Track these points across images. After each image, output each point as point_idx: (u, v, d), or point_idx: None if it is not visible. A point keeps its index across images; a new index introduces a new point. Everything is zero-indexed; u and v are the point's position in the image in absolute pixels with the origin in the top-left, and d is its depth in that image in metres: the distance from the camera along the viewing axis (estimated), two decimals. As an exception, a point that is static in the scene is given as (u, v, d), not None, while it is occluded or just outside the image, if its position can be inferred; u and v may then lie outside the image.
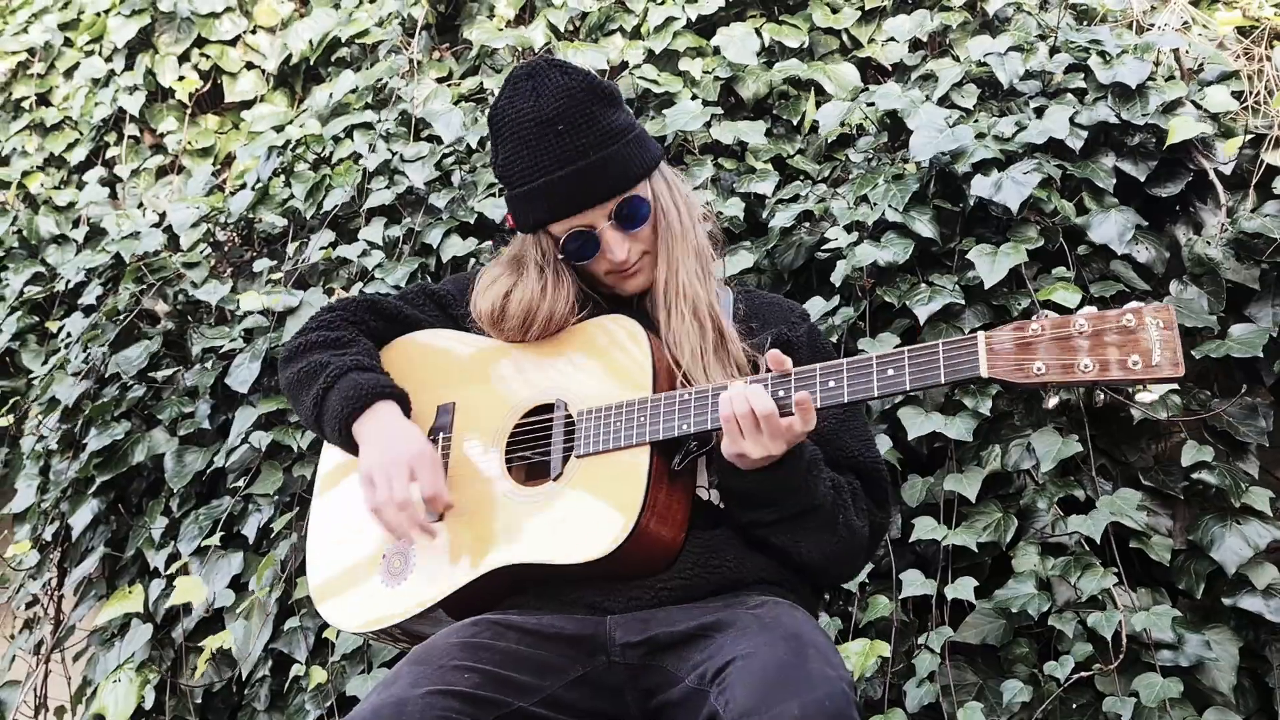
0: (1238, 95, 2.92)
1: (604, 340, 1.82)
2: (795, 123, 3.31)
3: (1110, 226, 2.71)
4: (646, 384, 1.75)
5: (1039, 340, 1.51)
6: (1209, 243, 2.74)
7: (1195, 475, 2.54)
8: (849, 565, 1.82)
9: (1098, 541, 2.46)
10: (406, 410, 1.84)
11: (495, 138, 1.84)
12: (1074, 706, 2.39)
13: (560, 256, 1.85)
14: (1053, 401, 1.58)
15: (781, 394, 1.63)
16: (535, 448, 1.81)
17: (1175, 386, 2.54)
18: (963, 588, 2.46)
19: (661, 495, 1.70)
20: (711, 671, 1.54)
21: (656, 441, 1.70)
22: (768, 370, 1.68)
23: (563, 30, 3.67)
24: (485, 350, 1.92)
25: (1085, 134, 2.83)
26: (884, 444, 2.62)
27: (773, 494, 1.68)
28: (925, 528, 2.54)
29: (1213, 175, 2.80)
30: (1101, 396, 1.62)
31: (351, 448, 1.82)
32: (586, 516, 1.70)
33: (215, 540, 3.06)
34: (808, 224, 2.98)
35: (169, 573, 3.13)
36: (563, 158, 1.76)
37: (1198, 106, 2.86)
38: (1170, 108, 2.83)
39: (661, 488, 1.70)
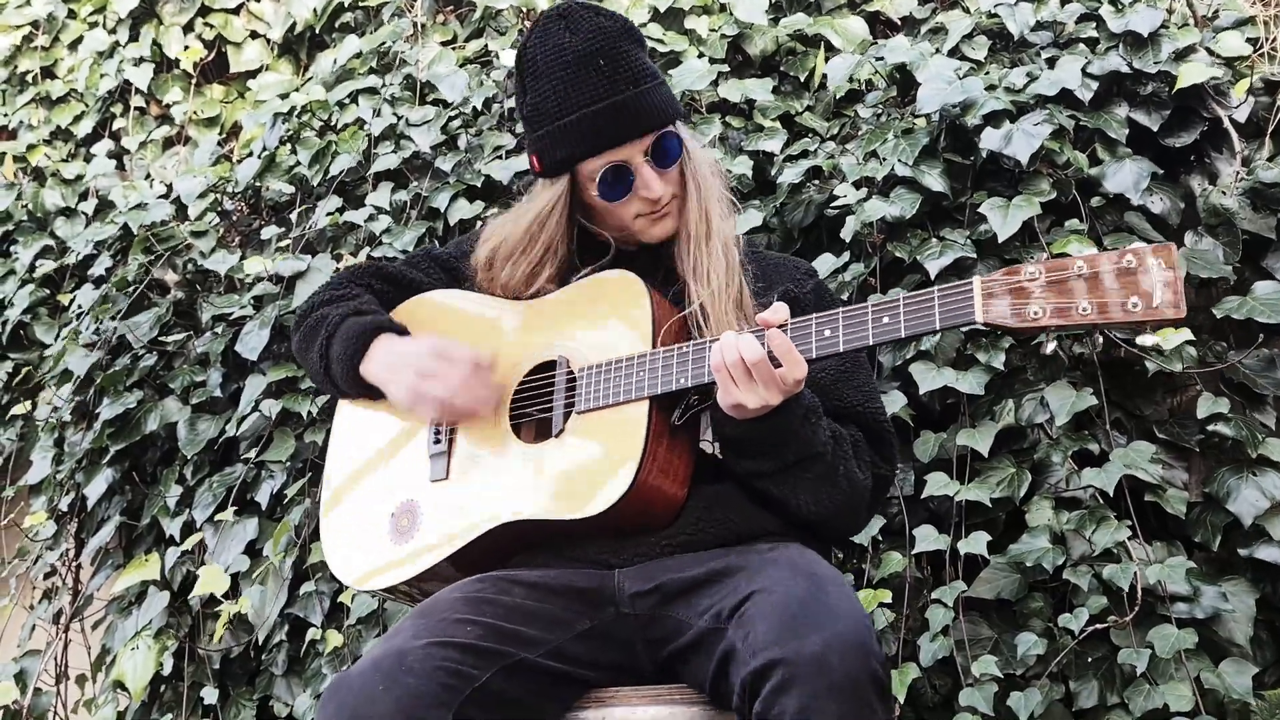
0: (1253, 42, 2.87)
1: (606, 296, 1.82)
2: (803, 79, 3.27)
3: (1125, 175, 2.67)
4: (647, 339, 1.74)
5: (1035, 284, 1.48)
6: (1224, 192, 2.70)
7: (1211, 427, 2.51)
8: (850, 518, 1.80)
9: (1112, 495, 2.44)
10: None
11: (526, 78, 1.82)
12: (1089, 659, 2.38)
13: (595, 194, 1.83)
14: (1050, 347, 1.58)
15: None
16: (539, 405, 1.81)
17: (1190, 338, 2.51)
18: (976, 543, 2.45)
19: (662, 449, 1.69)
20: (728, 609, 1.54)
21: (656, 396, 1.69)
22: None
23: (567, -9, 3.63)
24: (490, 309, 1.93)
25: (1097, 84, 2.79)
26: (897, 400, 2.60)
27: (769, 442, 1.67)
28: (938, 483, 2.52)
29: (1227, 123, 2.75)
30: (1100, 338, 1.59)
31: (366, 391, 1.83)
32: (587, 471, 1.70)
33: (228, 515, 3.07)
34: (817, 181, 2.95)
35: (185, 546, 3.15)
36: (602, 92, 1.76)
37: (1211, 53, 2.81)
38: (1183, 55, 2.79)
39: (662, 442, 1.69)
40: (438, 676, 1.48)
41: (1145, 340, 1.41)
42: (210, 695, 3.04)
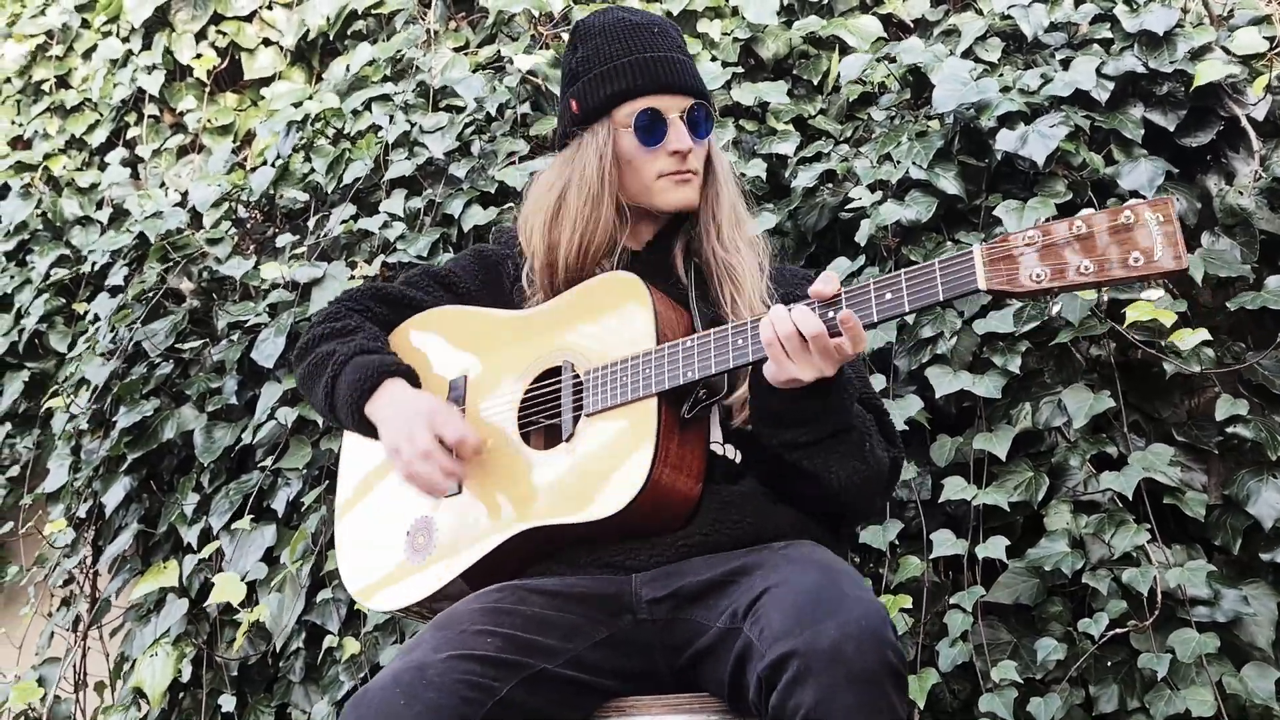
0: (1270, 39, 2.85)
1: (605, 298, 1.81)
2: (816, 82, 3.27)
3: (1140, 174, 2.66)
4: (650, 337, 1.74)
5: (1034, 247, 1.48)
6: (1241, 192, 2.68)
7: (1230, 429, 2.50)
8: (871, 496, 1.79)
9: (1130, 498, 2.43)
10: (415, 384, 1.85)
11: (580, 39, 1.94)
12: (1109, 664, 2.37)
13: (629, 138, 1.85)
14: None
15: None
16: (547, 411, 1.81)
17: (1208, 338, 2.49)
18: (994, 547, 2.44)
19: (674, 445, 1.69)
20: (743, 608, 1.53)
21: (664, 392, 1.69)
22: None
23: (579, -5, 3.63)
24: (491, 321, 1.93)
25: (1112, 85, 2.77)
26: (913, 404, 2.59)
27: (811, 413, 1.65)
28: (955, 487, 2.51)
29: (1245, 121, 2.74)
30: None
31: (369, 431, 1.83)
32: (600, 473, 1.69)
33: (245, 524, 3.08)
34: (830, 184, 2.95)
35: (202, 554, 3.16)
36: (654, 46, 1.88)
37: (1228, 52, 2.79)
38: (1199, 54, 2.77)
39: (673, 438, 1.69)
40: (459, 690, 1.47)
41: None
42: (228, 703, 3.05)
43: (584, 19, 1.96)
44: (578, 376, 1.78)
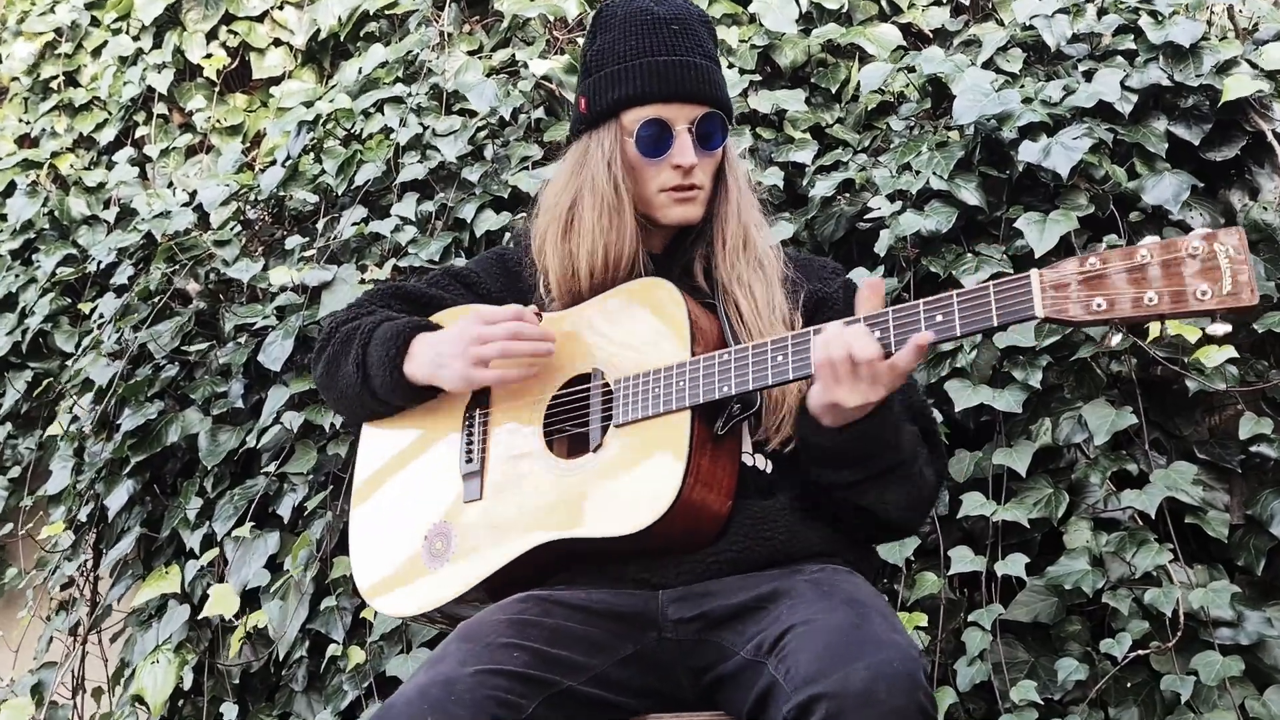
0: (1295, 55, 2.82)
1: (639, 304, 1.76)
2: (834, 91, 3.24)
3: (1165, 188, 2.63)
4: (685, 347, 1.68)
5: (1097, 274, 1.40)
6: (1266, 208, 2.65)
7: (1253, 448, 2.47)
8: (920, 517, 1.76)
9: (1152, 517, 2.39)
10: None
11: (599, 27, 1.86)
12: (1129, 685, 2.33)
13: (632, 147, 1.79)
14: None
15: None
16: (574, 419, 1.76)
17: (1234, 355, 2.45)
18: (1013, 564, 2.40)
19: (705, 461, 1.63)
20: (769, 642, 1.49)
21: (697, 406, 1.64)
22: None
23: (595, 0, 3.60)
24: None
25: (1136, 97, 2.74)
26: (931, 418, 2.56)
27: (866, 449, 1.59)
28: (974, 503, 2.47)
29: (1270, 137, 2.71)
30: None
31: (407, 396, 1.79)
32: (629, 486, 1.64)
33: (245, 531, 3.03)
34: (848, 194, 2.91)
35: (203, 560, 3.11)
36: (670, 47, 1.79)
37: (1254, 66, 2.76)
38: (1225, 68, 2.74)
39: (705, 454, 1.64)
40: (487, 707, 1.43)
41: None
42: (230, 711, 3.00)
43: (608, 4, 1.88)
44: (607, 385, 1.73)
